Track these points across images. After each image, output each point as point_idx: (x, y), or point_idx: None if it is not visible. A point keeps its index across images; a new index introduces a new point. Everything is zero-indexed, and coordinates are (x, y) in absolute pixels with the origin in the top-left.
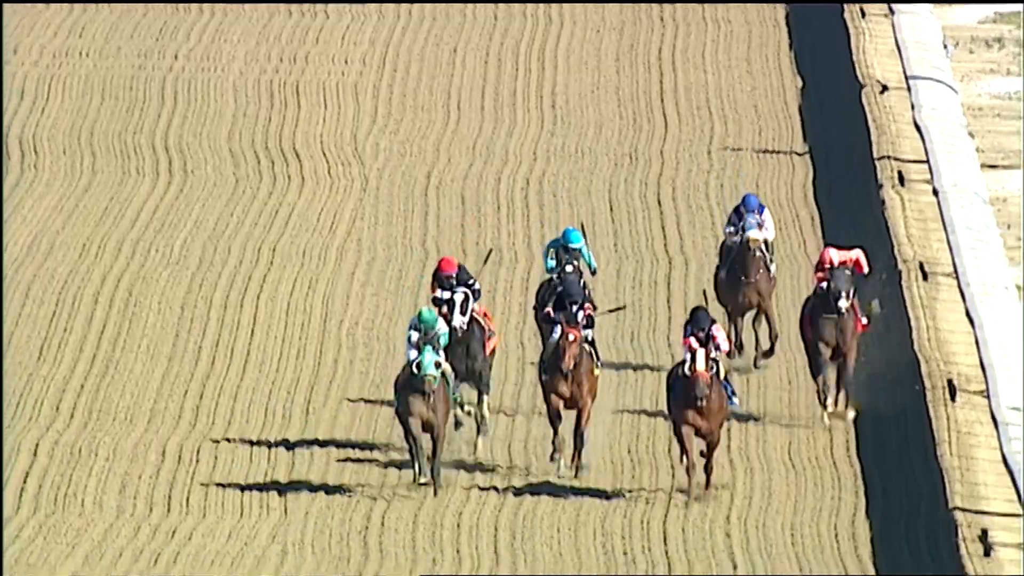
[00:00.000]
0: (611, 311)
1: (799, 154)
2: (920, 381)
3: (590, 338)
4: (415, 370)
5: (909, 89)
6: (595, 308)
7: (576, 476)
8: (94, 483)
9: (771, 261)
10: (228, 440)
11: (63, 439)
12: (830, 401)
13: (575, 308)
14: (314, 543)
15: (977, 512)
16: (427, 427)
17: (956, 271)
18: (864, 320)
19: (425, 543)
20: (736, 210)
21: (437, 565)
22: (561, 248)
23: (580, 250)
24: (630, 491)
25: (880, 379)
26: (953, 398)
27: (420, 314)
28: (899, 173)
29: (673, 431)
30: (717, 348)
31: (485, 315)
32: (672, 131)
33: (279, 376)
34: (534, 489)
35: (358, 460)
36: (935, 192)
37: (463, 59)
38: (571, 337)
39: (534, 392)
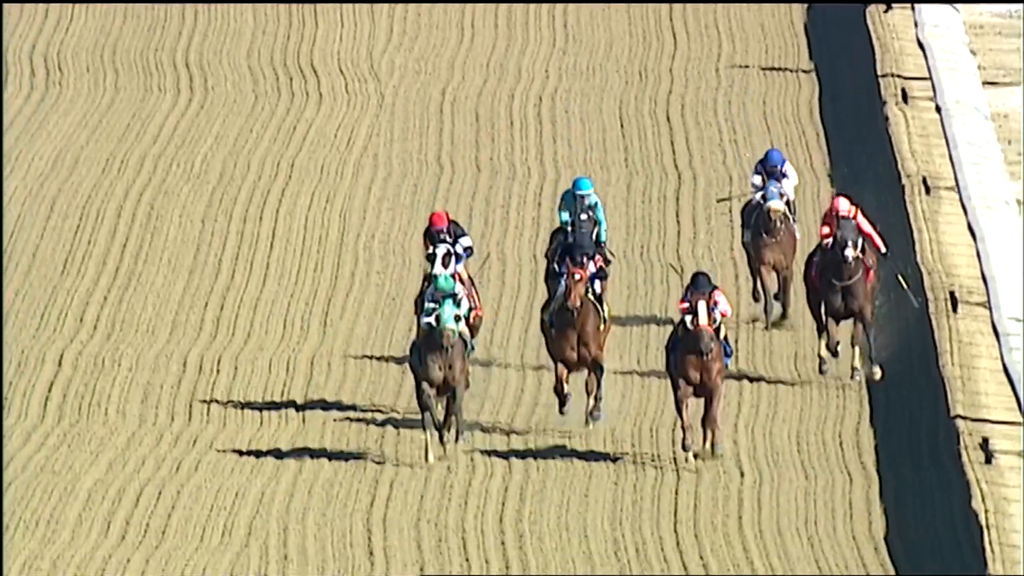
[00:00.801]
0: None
1: (805, 72)
2: (923, 292)
3: (597, 292)
4: (434, 323)
5: (912, 7)
6: (607, 261)
7: (588, 424)
8: (117, 392)
9: (794, 220)
10: (248, 351)
11: (87, 350)
12: (855, 355)
13: (584, 259)
14: (331, 451)
15: (978, 420)
16: (444, 388)
17: (958, 185)
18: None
19: (439, 451)
20: (761, 162)
21: (451, 472)
22: (573, 197)
23: (592, 199)
24: (640, 401)
25: (884, 291)
26: (955, 309)
27: (436, 281)
28: (902, 90)
29: (672, 388)
30: (716, 308)
31: (472, 283)
32: (681, 49)
33: (297, 288)
34: (546, 403)
35: (375, 370)
36: (937, 108)
37: None
38: (576, 276)
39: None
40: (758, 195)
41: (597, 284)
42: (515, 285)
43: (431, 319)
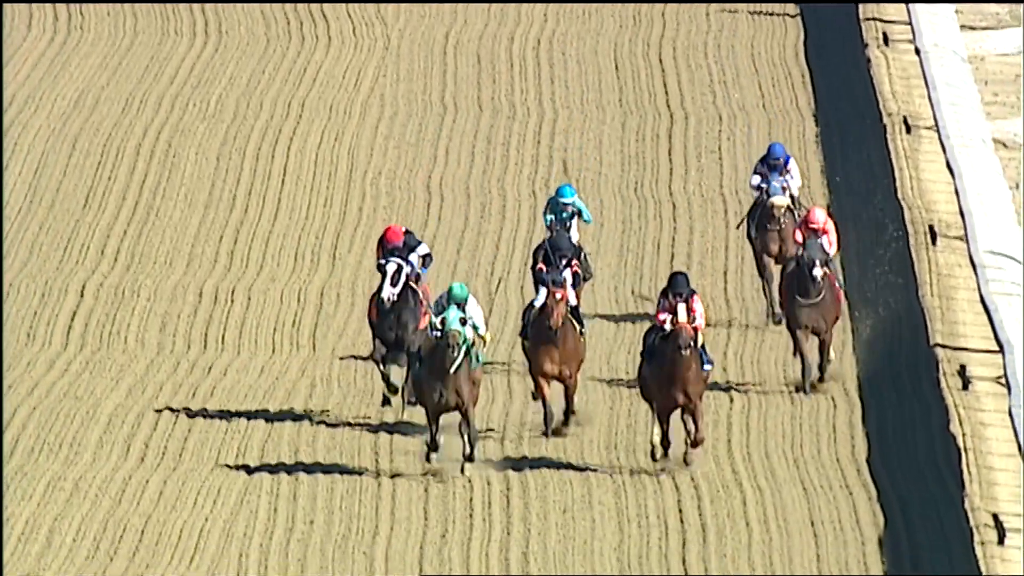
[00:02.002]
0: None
1: (791, 16)
2: (903, 227)
3: (573, 303)
4: (439, 326)
5: None
6: (585, 266)
7: (564, 426)
8: (136, 322)
9: (797, 216)
10: (260, 282)
11: (108, 281)
12: (809, 381)
13: (563, 263)
14: (340, 377)
15: (956, 349)
16: (451, 406)
17: (937, 125)
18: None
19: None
20: (763, 160)
21: None
22: (556, 203)
23: (574, 204)
24: (633, 331)
25: (866, 226)
26: (934, 242)
27: (451, 290)
28: (884, 34)
29: (649, 406)
30: (694, 316)
31: (424, 290)
32: None
33: (308, 223)
34: None
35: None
36: (917, 51)
37: None
38: (558, 296)
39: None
40: (762, 192)
41: (572, 294)
42: (515, 219)
43: (436, 320)
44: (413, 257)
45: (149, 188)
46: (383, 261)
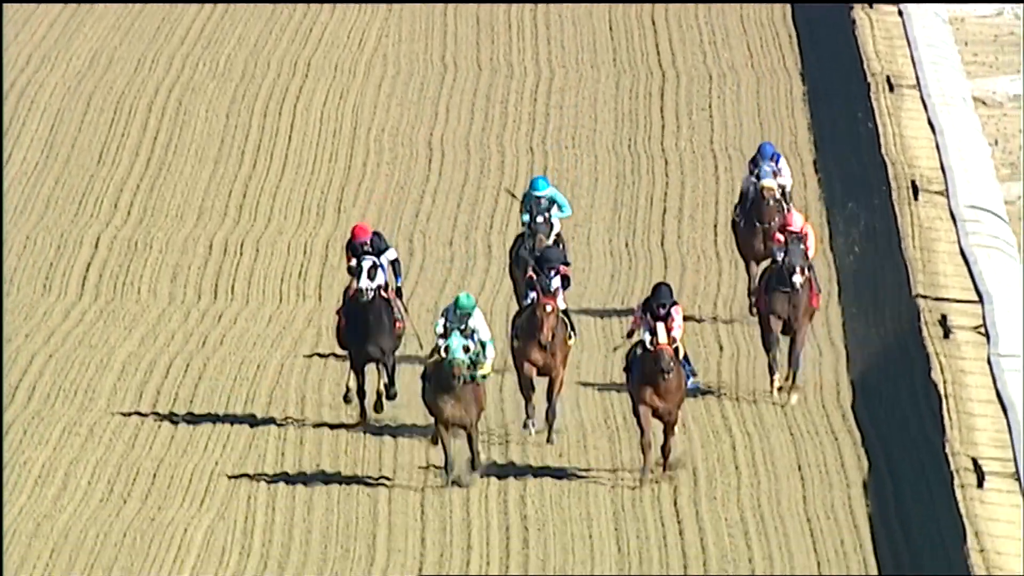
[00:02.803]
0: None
1: None
2: (887, 182)
3: (564, 306)
4: (443, 354)
5: None
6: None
7: (548, 441)
8: (149, 273)
9: (788, 209)
10: (268, 234)
11: (121, 233)
12: (778, 376)
13: (552, 273)
14: None
15: (937, 299)
16: (457, 423)
17: (919, 83)
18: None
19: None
20: (753, 159)
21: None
22: (531, 197)
23: (549, 197)
24: (627, 282)
25: (851, 181)
26: (916, 197)
27: (457, 300)
28: None
29: (632, 410)
30: (671, 329)
31: (399, 294)
32: None
33: (313, 177)
34: None
35: None
36: (900, 13)
37: None
38: (548, 308)
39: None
40: (752, 183)
41: (561, 298)
42: (513, 175)
43: (439, 349)
44: (383, 260)
45: (161, 144)
46: (354, 263)
